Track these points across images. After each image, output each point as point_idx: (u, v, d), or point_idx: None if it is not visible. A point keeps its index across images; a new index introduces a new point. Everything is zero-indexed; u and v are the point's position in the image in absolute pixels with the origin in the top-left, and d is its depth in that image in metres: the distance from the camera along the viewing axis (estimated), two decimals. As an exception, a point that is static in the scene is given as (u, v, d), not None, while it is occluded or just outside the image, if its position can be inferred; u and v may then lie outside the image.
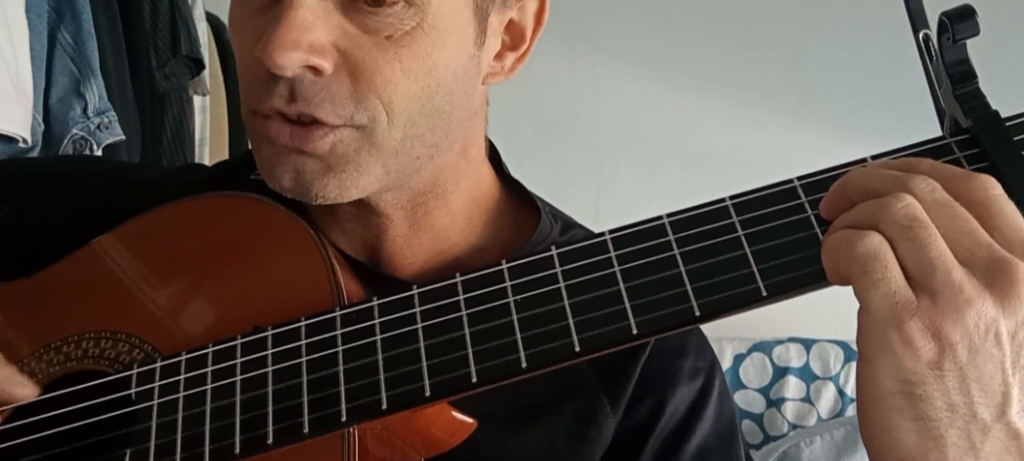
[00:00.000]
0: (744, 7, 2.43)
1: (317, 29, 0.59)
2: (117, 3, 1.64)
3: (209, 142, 1.98)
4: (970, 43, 0.53)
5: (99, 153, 1.47)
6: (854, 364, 2.41)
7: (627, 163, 2.47)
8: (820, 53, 2.43)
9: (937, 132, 0.56)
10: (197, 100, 1.94)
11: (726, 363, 2.29)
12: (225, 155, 2.05)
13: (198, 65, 1.85)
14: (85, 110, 1.49)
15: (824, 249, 0.50)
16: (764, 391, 2.32)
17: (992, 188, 0.48)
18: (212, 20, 2.05)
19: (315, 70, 0.60)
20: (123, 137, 1.52)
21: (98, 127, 1.50)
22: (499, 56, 0.69)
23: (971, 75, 0.54)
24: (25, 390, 0.62)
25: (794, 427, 2.28)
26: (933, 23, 0.54)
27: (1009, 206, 0.48)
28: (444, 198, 0.71)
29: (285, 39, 0.58)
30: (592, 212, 2.42)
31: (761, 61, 2.43)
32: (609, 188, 2.47)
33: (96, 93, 1.50)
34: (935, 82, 0.56)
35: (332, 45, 0.60)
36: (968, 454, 0.46)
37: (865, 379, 0.48)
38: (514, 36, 0.69)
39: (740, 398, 2.30)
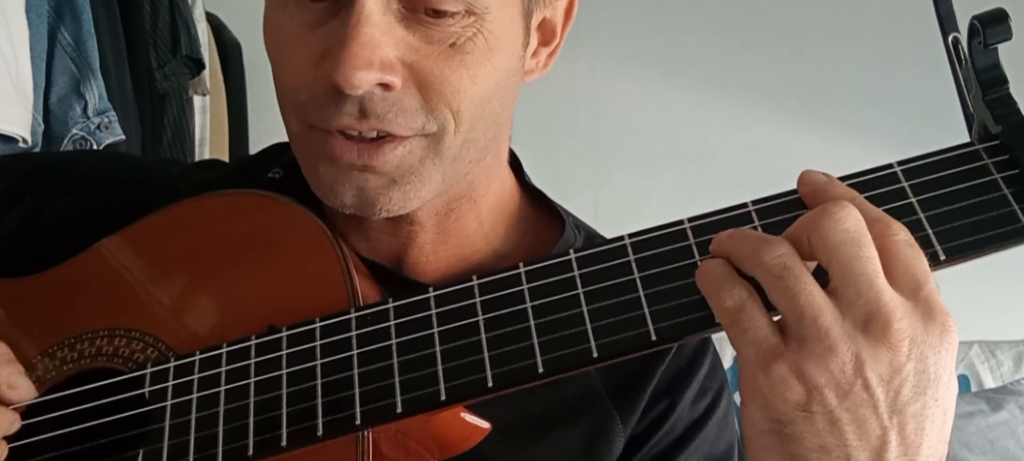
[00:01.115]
0: (744, 7, 2.44)
1: (385, 45, 0.58)
2: (117, 3, 1.63)
3: (209, 142, 1.98)
4: (1001, 47, 0.52)
5: (100, 153, 1.46)
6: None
7: (626, 162, 2.47)
8: (820, 53, 2.43)
9: (937, 130, 0.56)
10: (197, 100, 1.94)
11: (727, 362, 2.28)
12: (225, 155, 2.05)
13: (198, 65, 1.85)
14: (85, 110, 1.49)
15: (698, 274, 0.52)
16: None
17: (896, 233, 0.48)
18: (212, 20, 2.04)
19: (385, 86, 0.59)
20: (123, 137, 1.51)
21: (98, 127, 1.49)
22: (534, 53, 0.69)
23: (1002, 80, 0.53)
24: (18, 393, 0.61)
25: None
26: (962, 26, 0.54)
27: (908, 252, 0.48)
28: (475, 202, 0.71)
29: (358, 58, 0.57)
30: (591, 212, 2.40)
31: (761, 61, 2.43)
32: (608, 187, 2.46)
33: (96, 93, 1.50)
34: (964, 87, 0.55)
35: (398, 60, 0.59)
36: None
37: (743, 419, 0.50)
38: (545, 33, 0.70)
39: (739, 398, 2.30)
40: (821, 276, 0.49)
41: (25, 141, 1.39)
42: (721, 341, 0.65)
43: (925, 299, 0.47)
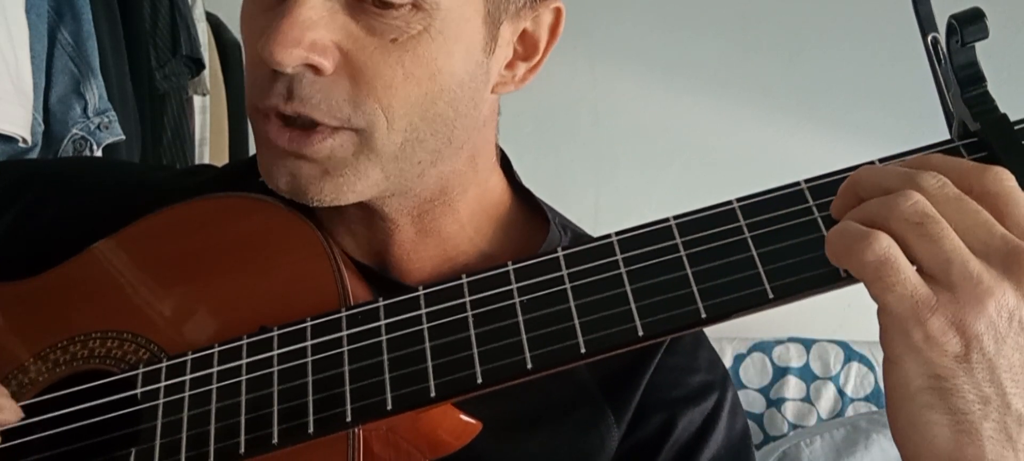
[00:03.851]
0: (743, 7, 2.43)
1: (320, 27, 0.58)
2: (117, 3, 1.63)
3: (209, 142, 1.98)
4: (978, 46, 0.52)
5: (99, 153, 1.47)
6: (854, 364, 2.41)
7: (626, 162, 2.47)
8: (820, 53, 2.43)
9: (937, 130, 0.56)
10: (197, 100, 1.94)
11: (726, 363, 2.28)
12: (225, 155, 2.05)
13: (198, 65, 1.85)
14: (85, 110, 1.49)
15: (828, 241, 0.48)
16: (764, 391, 2.32)
17: (1006, 180, 0.47)
18: (212, 20, 2.04)
19: (315, 69, 0.59)
20: (123, 137, 1.51)
21: (98, 127, 1.49)
22: (510, 66, 0.68)
23: (980, 78, 0.53)
24: (5, 415, 0.61)
25: (794, 427, 2.28)
26: (942, 26, 0.54)
27: (1022, 196, 0.47)
28: (451, 206, 0.71)
29: (287, 36, 0.57)
30: (591, 211, 2.43)
31: (761, 61, 2.43)
32: (608, 187, 2.47)
33: (96, 93, 1.50)
34: (943, 85, 0.55)
35: (335, 45, 0.59)
36: (1006, 446, 0.46)
37: (893, 379, 0.48)
38: (527, 47, 0.68)
39: (740, 398, 2.30)
40: None
41: (25, 141, 1.39)
42: (718, 341, 0.65)
43: None
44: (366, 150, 0.62)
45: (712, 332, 0.71)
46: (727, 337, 2.32)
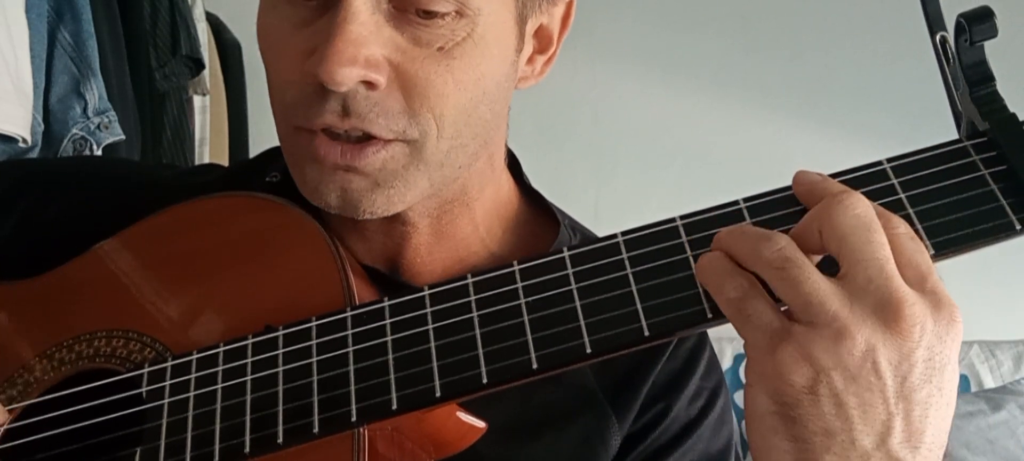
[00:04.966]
0: (744, 7, 2.44)
1: (372, 43, 0.58)
2: (117, 3, 1.64)
3: (209, 142, 1.98)
4: (987, 45, 0.53)
5: (99, 153, 1.47)
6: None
7: (626, 162, 2.47)
8: (821, 53, 2.43)
9: (937, 130, 0.56)
10: (197, 100, 1.94)
11: (726, 363, 2.29)
12: (225, 155, 2.05)
13: (198, 65, 1.85)
14: (85, 110, 1.49)
15: (697, 269, 0.52)
16: (763, 390, 2.32)
17: (897, 227, 0.49)
18: (212, 20, 2.05)
19: (370, 84, 0.59)
20: (123, 137, 1.52)
21: (98, 127, 1.50)
22: (530, 61, 0.69)
23: (989, 78, 0.53)
24: None
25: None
26: (950, 25, 0.54)
27: (911, 245, 0.49)
28: (469, 206, 0.71)
29: (343, 54, 0.57)
30: (591, 211, 2.43)
31: (761, 61, 2.44)
32: (608, 187, 2.47)
33: (96, 93, 1.50)
34: (952, 84, 0.55)
35: (384, 59, 0.59)
36: None
37: (747, 401, 0.50)
38: (542, 40, 0.69)
39: (740, 398, 2.30)
40: (828, 268, 0.49)
41: (25, 141, 1.39)
42: (718, 341, 0.65)
43: (932, 290, 0.48)
44: (416, 160, 0.62)
45: (713, 332, 0.71)
46: (727, 337, 2.31)
